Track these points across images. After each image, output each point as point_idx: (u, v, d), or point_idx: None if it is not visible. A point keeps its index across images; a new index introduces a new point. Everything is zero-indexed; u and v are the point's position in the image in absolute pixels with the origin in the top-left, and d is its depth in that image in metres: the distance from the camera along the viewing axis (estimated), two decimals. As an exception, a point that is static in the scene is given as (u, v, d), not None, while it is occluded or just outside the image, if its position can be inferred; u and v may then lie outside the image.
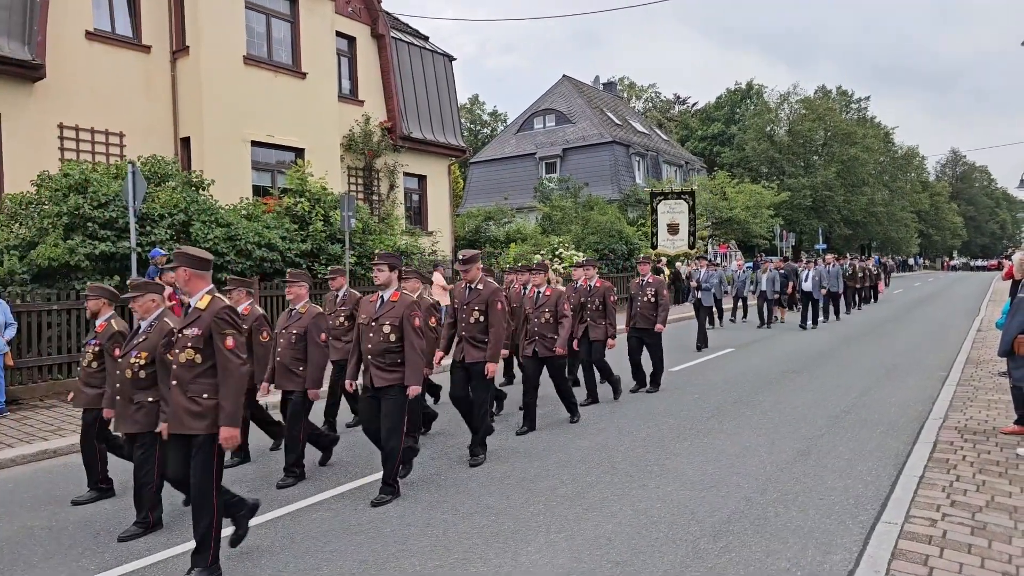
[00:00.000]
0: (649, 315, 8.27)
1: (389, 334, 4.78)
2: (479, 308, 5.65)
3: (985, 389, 7.86)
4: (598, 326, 7.76)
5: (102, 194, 9.08)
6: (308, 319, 5.47)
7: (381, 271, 4.89)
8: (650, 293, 8.29)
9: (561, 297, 6.76)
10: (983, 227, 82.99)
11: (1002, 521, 4.04)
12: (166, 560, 3.98)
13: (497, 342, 5.60)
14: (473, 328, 5.68)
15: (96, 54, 11.78)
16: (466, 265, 5.76)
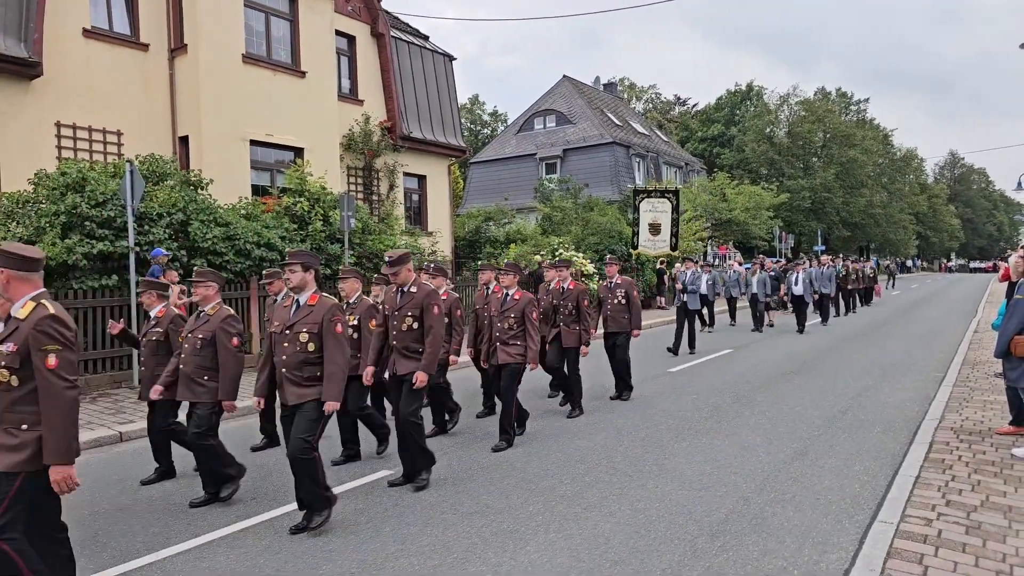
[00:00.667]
0: (620, 318, 8.01)
1: (307, 343, 4.22)
2: (412, 314, 5.03)
3: (981, 390, 7.90)
4: (571, 332, 7.32)
5: (100, 193, 9.07)
6: (216, 322, 4.87)
7: (293, 272, 4.31)
8: (620, 295, 8.03)
9: (530, 303, 6.23)
10: (980, 229, 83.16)
11: (997, 520, 4.07)
12: (162, 560, 3.99)
13: (434, 350, 4.97)
14: (406, 337, 5.06)
15: (94, 52, 11.76)
16: (394, 267, 5.08)
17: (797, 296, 15.08)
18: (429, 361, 4.97)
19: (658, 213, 19.11)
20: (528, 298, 6.27)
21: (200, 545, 4.13)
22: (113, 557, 4.00)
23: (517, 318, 6.18)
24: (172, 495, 5.03)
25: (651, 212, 18.91)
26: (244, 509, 4.69)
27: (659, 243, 18.80)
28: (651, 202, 19.08)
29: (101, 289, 8.90)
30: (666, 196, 19.16)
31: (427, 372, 4.93)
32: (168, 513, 4.66)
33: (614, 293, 8.09)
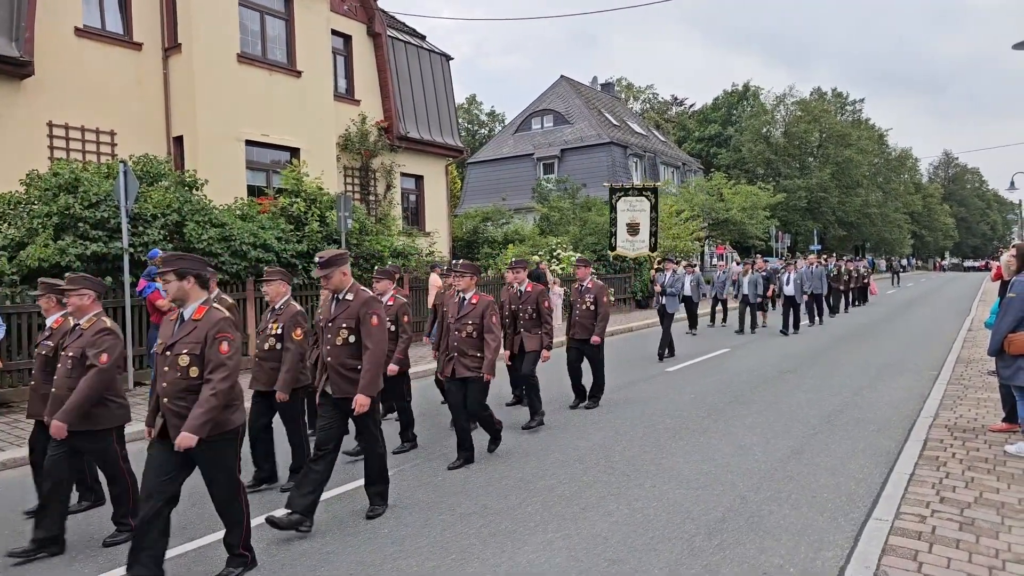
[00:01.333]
0: (589, 324, 7.49)
1: (188, 367, 3.49)
2: (348, 325, 4.27)
3: (975, 388, 7.94)
4: (533, 336, 6.85)
5: (93, 194, 9.03)
6: (88, 337, 4.16)
7: (168, 281, 3.59)
8: (589, 300, 7.49)
9: (489, 307, 5.61)
10: (974, 228, 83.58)
11: (990, 517, 4.10)
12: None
13: (374, 369, 4.23)
14: (340, 352, 4.31)
15: (86, 51, 11.72)
16: (326, 269, 4.29)
17: (788, 297, 14.68)
18: (369, 381, 4.24)
19: (636, 212, 18.07)
20: (487, 302, 5.64)
21: (197, 548, 4.13)
22: (107, 560, 3.99)
23: (476, 325, 5.52)
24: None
25: (629, 211, 17.92)
26: (241, 510, 4.68)
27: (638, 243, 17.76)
28: (628, 200, 18.01)
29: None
30: (644, 194, 18.04)
31: (367, 395, 4.25)
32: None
33: (583, 298, 7.55)
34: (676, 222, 24.02)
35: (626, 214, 17.79)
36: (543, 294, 6.95)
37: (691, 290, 14.36)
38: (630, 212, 17.97)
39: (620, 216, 18.07)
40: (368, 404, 4.26)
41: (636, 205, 18.10)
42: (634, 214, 18.07)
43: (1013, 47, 9.53)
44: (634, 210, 18.03)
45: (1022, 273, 5.38)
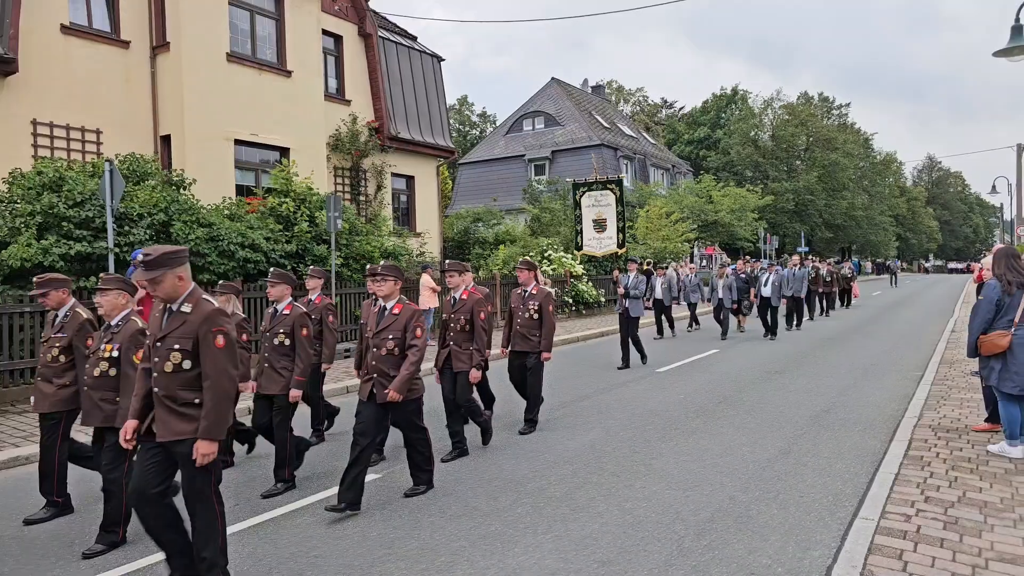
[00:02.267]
0: (530, 335, 6.74)
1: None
2: (181, 347, 3.35)
3: (958, 388, 8.05)
4: (463, 353, 6.00)
5: (78, 192, 8.93)
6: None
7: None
8: (532, 307, 6.73)
9: (414, 318, 4.78)
10: (957, 231, 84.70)
11: (973, 516, 4.15)
12: (138, 571, 3.94)
13: (217, 404, 3.31)
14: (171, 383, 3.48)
15: (72, 48, 11.59)
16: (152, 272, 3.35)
17: (764, 299, 14.20)
18: (211, 424, 3.27)
19: (602, 207, 16.89)
20: (411, 312, 4.80)
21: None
22: (93, 565, 3.95)
23: (398, 340, 4.73)
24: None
25: (594, 207, 16.72)
26: (228, 515, 4.63)
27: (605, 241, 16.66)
28: (593, 195, 16.77)
29: (79, 291, 8.76)
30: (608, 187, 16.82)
31: (208, 439, 3.27)
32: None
33: (526, 305, 6.79)
34: (666, 224, 24.16)
35: (591, 210, 16.67)
36: (480, 303, 6.05)
37: (662, 293, 14.10)
38: (595, 207, 16.84)
39: (585, 212, 16.94)
40: (213, 453, 3.29)
41: (601, 199, 16.91)
42: (600, 209, 16.91)
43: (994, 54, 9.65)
44: (599, 205, 16.87)
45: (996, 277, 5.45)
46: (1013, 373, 5.15)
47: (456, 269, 6.23)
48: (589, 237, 16.66)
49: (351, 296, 12.46)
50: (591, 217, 16.51)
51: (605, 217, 16.72)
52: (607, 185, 16.84)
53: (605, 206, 16.85)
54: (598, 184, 17.04)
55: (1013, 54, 9.39)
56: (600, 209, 16.84)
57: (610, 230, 16.66)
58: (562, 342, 13.96)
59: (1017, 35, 9.29)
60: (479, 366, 6.06)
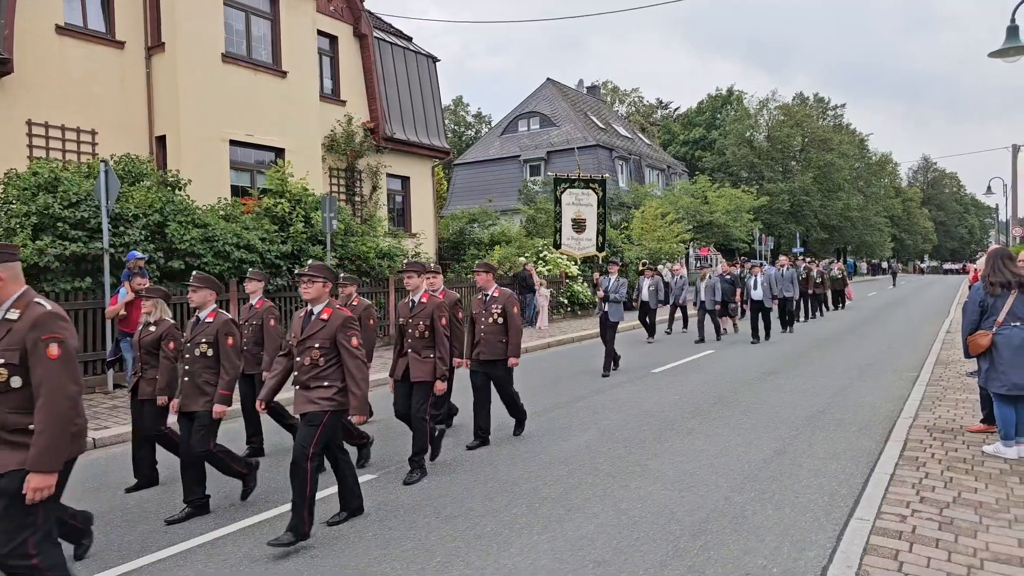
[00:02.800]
0: (496, 342, 6.21)
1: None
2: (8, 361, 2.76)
3: (953, 389, 8.07)
4: (423, 361, 5.43)
5: (73, 193, 8.90)
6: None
7: None
8: (496, 312, 6.23)
9: (343, 324, 4.23)
10: (953, 232, 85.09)
11: (968, 516, 4.16)
12: (139, 569, 3.92)
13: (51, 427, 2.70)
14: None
15: (67, 49, 11.55)
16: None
17: (755, 302, 13.59)
18: (43, 448, 2.69)
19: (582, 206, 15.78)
20: (342, 318, 4.26)
21: (177, 553, 4.07)
22: (87, 567, 3.93)
23: (324, 351, 4.22)
24: (147, 502, 4.95)
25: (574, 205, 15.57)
26: (223, 516, 4.64)
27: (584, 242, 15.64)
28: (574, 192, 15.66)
29: (74, 292, 8.74)
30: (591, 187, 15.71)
31: (43, 472, 2.68)
32: (144, 521, 4.59)
33: (488, 309, 6.25)
34: (661, 224, 24.19)
35: (571, 208, 15.55)
36: (441, 307, 5.59)
37: (649, 296, 13.72)
38: (575, 206, 15.70)
39: (565, 210, 15.79)
40: (47, 487, 2.71)
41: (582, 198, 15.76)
42: (580, 208, 15.76)
43: (989, 55, 9.69)
44: (580, 204, 15.72)
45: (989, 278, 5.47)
46: (1000, 372, 5.17)
47: (414, 269, 5.64)
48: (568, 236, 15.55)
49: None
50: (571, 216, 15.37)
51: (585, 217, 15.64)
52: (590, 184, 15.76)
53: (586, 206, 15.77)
54: (580, 182, 15.88)
55: (1009, 55, 9.44)
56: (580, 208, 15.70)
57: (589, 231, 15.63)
58: (557, 343, 13.98)
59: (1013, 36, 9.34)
60: (443, 377, 5.43)
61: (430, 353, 5.44)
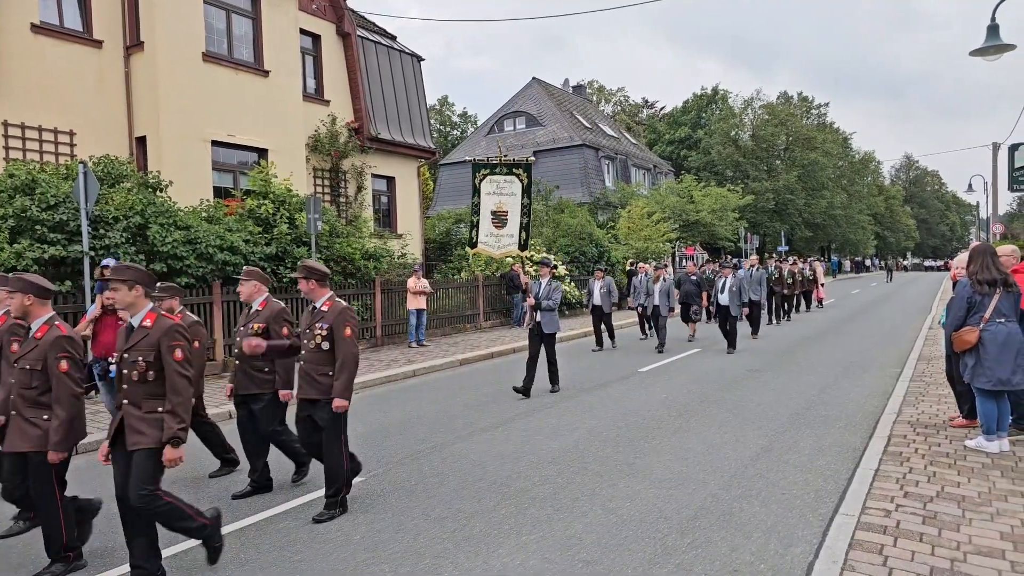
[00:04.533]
0: (318, 373, 4.58)
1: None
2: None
3: (936, 384, 8.17)
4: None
5: (51, 195, 8.75)
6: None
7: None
8: (320, 332, 4.58)
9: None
10: (934, 229, 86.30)
11: (951, 510, 4.21)
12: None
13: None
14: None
15: (43, 48, 11.36)
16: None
17: (722, 307, 12.12)
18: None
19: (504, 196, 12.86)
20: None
21: (165, 558, 4.00)
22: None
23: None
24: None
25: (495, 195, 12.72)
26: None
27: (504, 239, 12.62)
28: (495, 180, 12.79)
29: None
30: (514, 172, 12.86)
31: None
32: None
33: (313, 329, 4.63)
34: (647, 224, 24.30)
35: (492, 199, 12.68)
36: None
37: (601, 299, 12.62)
38: (496, 196, 12.75)
39: (484, 201, 12.83)
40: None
41: (504, 187, 12.84)
42: (501, 199, 12.77)
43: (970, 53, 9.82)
44: (501, 193, 12.77)
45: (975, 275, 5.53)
46: (986, 368, 5.23)
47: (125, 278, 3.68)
48: (486, 232, 12.44)
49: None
50: (490, 207, 12.54)
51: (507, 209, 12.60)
52: (513, 170, 12.76)
53: (508, 195, 12.66)
54: (503, 167, 12.83)
55: (989, 53, 9.57)
56: (502, 199, 12.65)
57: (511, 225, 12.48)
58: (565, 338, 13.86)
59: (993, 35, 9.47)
60: (175, 440, 3.55)
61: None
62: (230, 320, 10.57)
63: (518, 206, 12.20)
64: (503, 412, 7.58)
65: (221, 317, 10.41)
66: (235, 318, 10.63)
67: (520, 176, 12.78)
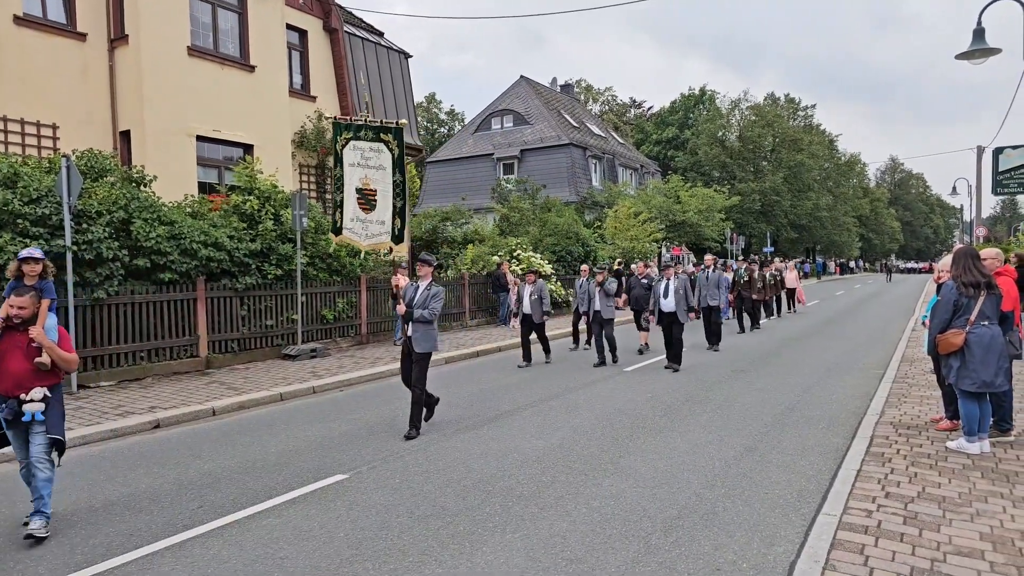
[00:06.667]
0: None
1: None
2: None
3: (919, 386, 8.27)
4: None
5: (33, 189, 8.61)
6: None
7: None
8: None
9: None
10: (919, 232, 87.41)
11: (932, 511, 4.26)
12: (102, 573, 3.81)
13: None
14: None
15: (26, 41, 11.18)
16: None
17: (666, 314, 10.31)
18: None
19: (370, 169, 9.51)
20: None
21: (144, 556, 3.96)
22: (50, 570, 3.80)
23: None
24: (113, 505, 4.81)
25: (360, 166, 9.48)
26: (191, 518, 4.53)
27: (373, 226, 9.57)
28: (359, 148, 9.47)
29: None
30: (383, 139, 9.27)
31: None
32: (109, 524, 4.46)
33: None
34: (634, 224, 24.39)
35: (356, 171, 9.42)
36: None
37: (531, 306, 10.82)
38: (361, 168, 9.48)
39: (348, 174, 9.58)
40: None
41: (371, 157, 9.45)
42: (367, 172, 9.50)
43: (956, 57, 9.93)
44: (367, 165, 9.47)
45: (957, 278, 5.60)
46: (971, 371, 5.29)
47: None
48: (351, 217, 9.39)
49: (317, 295, 12.31)
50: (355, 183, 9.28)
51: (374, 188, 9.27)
52: (380, 135, 9.20)
53: (375, 168, 9.30)
54: (368, 130, 9.32)
55: (975, 57, 9.68)
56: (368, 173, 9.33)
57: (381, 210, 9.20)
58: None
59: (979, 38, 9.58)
60: None
61: None
62: (214, 317, 10.47)
63: (389, 185, 8.99)
64: (488, 410, 7.58)
65: (205, 313, 10.31)
66: (219, 314, 10.53)
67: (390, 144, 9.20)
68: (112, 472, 5.58)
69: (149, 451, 6.22)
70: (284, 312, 11.58)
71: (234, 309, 10.79)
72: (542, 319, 10.94)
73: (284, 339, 11.58)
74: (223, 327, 10.61)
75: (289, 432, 6.79)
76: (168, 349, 9.90)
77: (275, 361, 11.05)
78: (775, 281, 17.99)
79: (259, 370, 10.18)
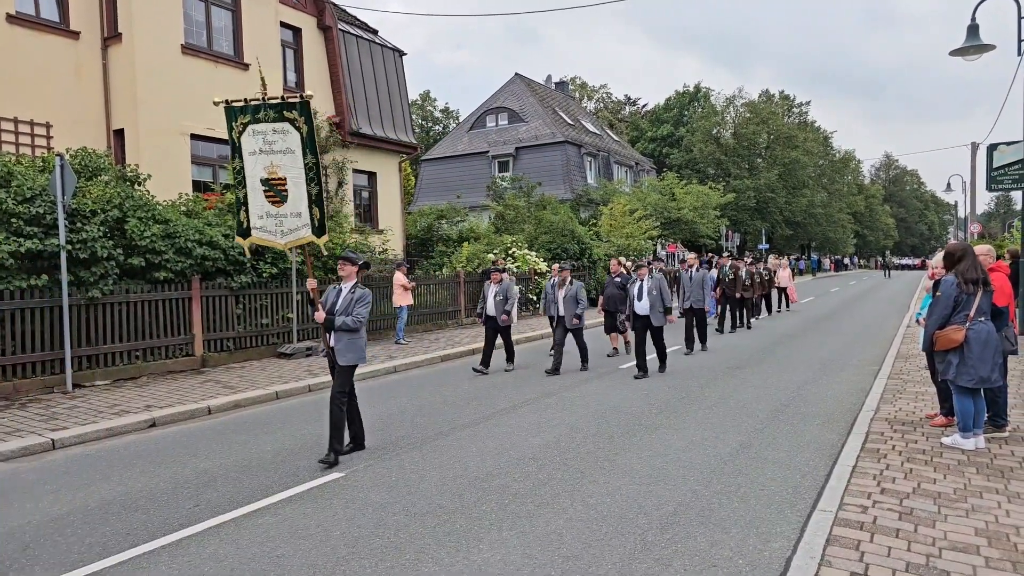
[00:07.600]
0: None
1: None
2: None
3: (914, 382, 8.31)
4: None
5: (27, 188, 8.57)
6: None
7: None
8: None
9: None
10: (913, 228, 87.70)
11: (927, 506, 4.28)
12: (99, 572, 3.80)
13: None
14: None
15: (19, 39, 11.13)
16: None
17: (640, 317, 9.50)
18: None
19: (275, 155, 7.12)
20: None
21: (140, 555, 3.95)
22: (45, 571, 3.79)
23: None
24: (109, 504, 4.80)
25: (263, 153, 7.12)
26: (187, 516, 4.52)
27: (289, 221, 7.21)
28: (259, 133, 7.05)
29: (30, 290, 8.42)
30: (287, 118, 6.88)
31: None
32: (105, 523, 4.44)
33: None
34: (630, 221, 24.41)
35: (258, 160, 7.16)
36: None
37: (495, 307, 9.95)
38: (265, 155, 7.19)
39: (249, 164, 7.23)
40: None
41: (276, 141, 7.12)
42: (272, 159, 7.18)
43: (950, 53, 9.97)
44: (272, 151, 7.17)
45: (950, 273, 5.62)
46: (969, 367, 5.30)
47: None
48: (260, 213, 7.29)
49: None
50: (259, 173, 7.24)
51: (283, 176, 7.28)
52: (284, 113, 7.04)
53: (282, 153, 7.26)
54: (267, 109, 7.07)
55: (969, 53, 9.72)
56: (274, 159, 7.27)
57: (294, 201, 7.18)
58: (525, 340, 13.96)
59: (973, 35, 9.62)
60: None
61: None
62: (209, 315, 10.44)
63: (300, 170, 7.33)
64: (484, 408, 7.58)
65: (200, 312, 10.27)
66: (214, 313, 10.50)
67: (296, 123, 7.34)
68: (108, 471, 5.57)
69: (145, 450, 6.20)
70: (280, 311, 11.56)
71: (229, 308, 10.76)
72: (506, 321, 9.99)
73: (280, 338, 11.56)
74: (218, 326, 10.58)
75: (285, 430, 6.79)
76: (163, 348, 9.87)
77: (271, 360, 11.03)
78: (762, 279, 17.17)
79: (255, 369, 10.16)
